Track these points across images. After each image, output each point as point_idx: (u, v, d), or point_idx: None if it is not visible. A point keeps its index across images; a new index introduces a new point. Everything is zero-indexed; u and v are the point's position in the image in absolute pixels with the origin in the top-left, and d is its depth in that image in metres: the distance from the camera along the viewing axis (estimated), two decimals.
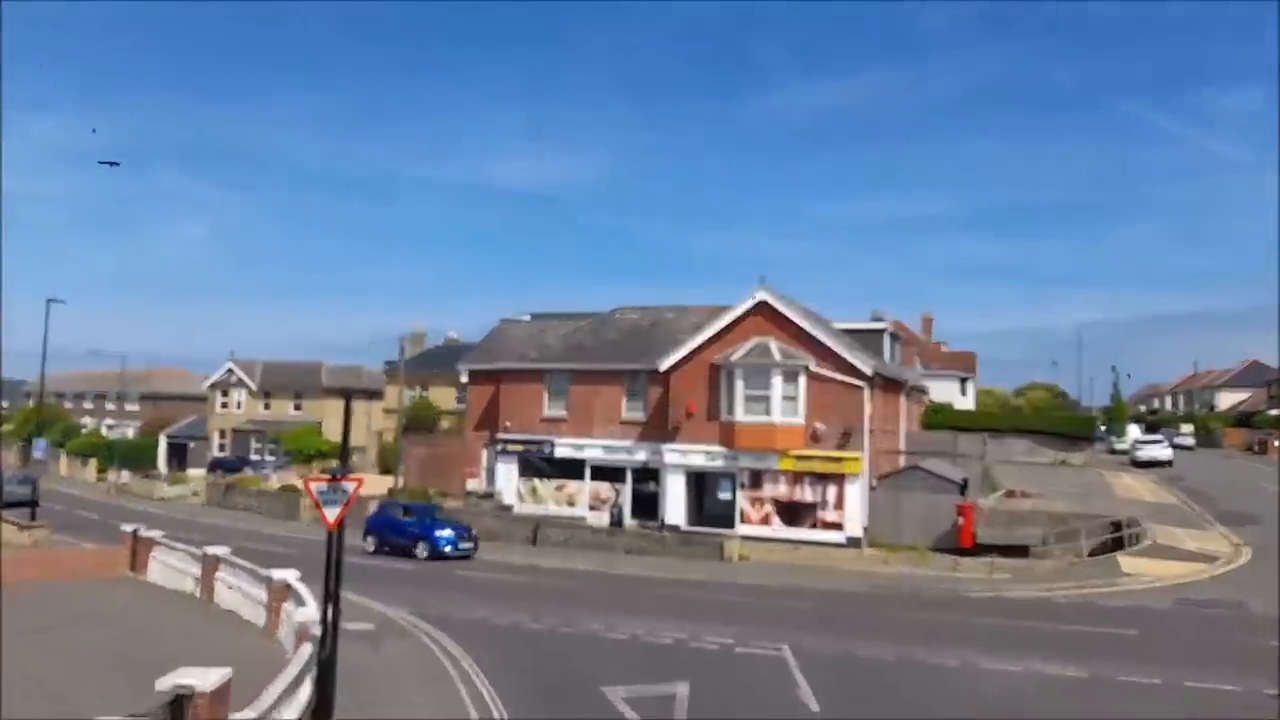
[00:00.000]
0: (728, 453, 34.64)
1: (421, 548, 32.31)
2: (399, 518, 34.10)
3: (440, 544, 32.03)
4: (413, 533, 32.80)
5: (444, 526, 32.86)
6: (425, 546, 32.23)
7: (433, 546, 32.05)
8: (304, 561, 27.85)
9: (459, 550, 32.33)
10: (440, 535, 32.21)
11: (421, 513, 34.32)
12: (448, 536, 32.31)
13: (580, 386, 39.34)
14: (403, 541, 32.94)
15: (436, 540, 32.08)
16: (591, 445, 38.75)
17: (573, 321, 43.51)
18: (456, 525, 33.51)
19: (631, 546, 33.83)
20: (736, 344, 34.98)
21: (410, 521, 33.46)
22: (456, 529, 33.02)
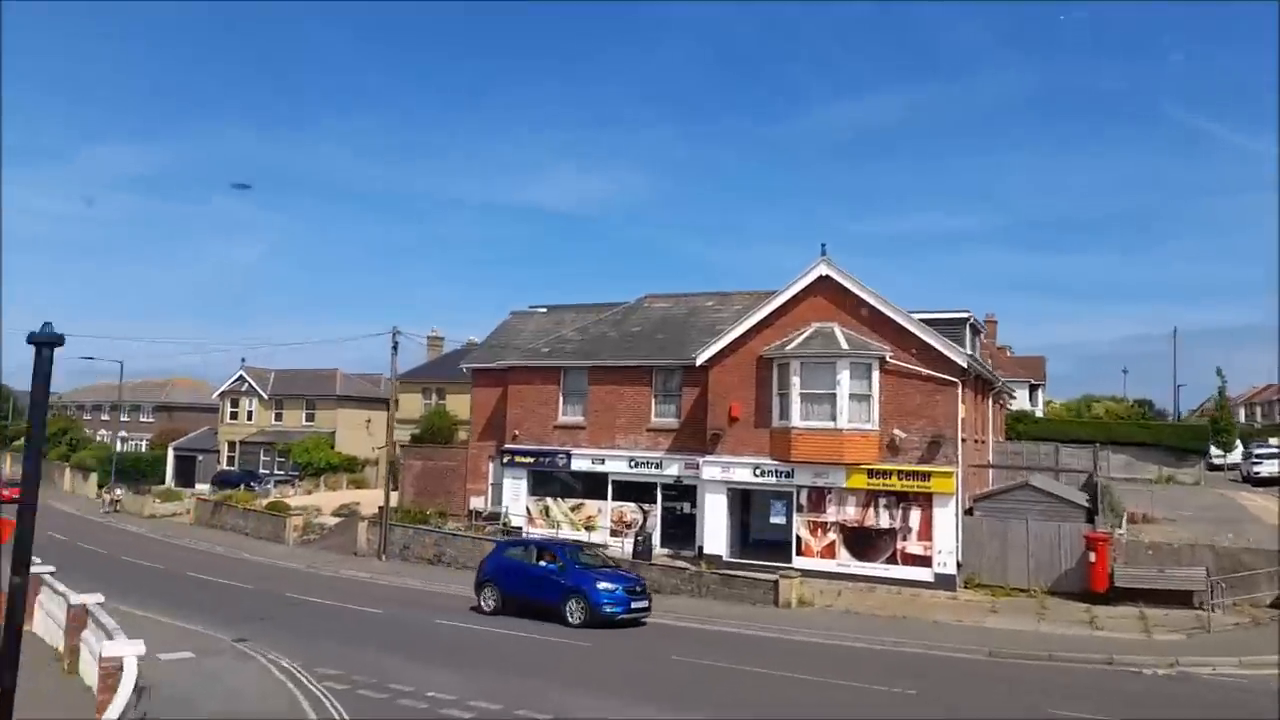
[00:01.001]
0: (781, 466, 26.92)
1: (574, 607, 21.72)
2: (530, 561, 23.65)
3: (601, 602, 21.44)
4: (557, 583, 22.39)
5: (602, 575, 22.59)
6: (580, 605, 21.66)
7: (591, 606, 21.49)
8: (255, 601, 20.50)
9: (630, 612, 21.77)
10: (601, 589, 21.71)
11: (561, 553, 23.46)
12: (613, 592, 21.73)
13: (601, 387, 31.89)
14: (543, 598, 22.49)
15: (596, 597, 21.55)
16: (614, 457, 31.25)
17: (593, 312, 36.14)
18: (619, 573, 23.41)
19: (660, 584, 26.18)
20: (792, 331, 27.33)
21: (551, 569, 22.86)
22: (621, 579, 22.71)
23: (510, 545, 25.74)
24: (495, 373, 34.62)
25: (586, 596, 21.65)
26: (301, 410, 64.31)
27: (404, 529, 33.64)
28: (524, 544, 25.79)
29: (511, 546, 25.41)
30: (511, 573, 23.52)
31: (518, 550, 24.77)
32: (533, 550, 24.30)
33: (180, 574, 30.90)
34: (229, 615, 23.34)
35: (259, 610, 24.07)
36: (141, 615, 23.36)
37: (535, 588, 22.80)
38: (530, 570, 23.29)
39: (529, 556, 23.93)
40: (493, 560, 24.62)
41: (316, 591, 27.09)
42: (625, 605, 21.75)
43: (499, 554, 24.81)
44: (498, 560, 24.44)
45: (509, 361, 33.56)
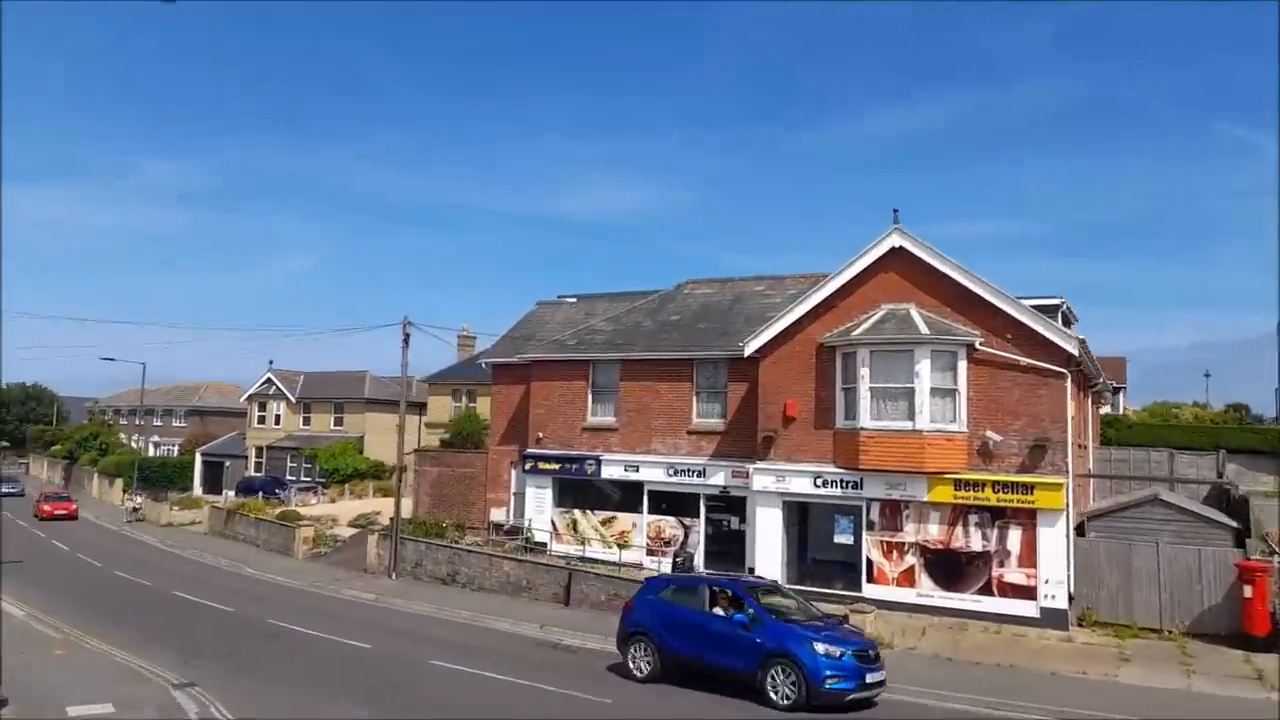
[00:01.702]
0: (847, 475, 22.25)
1: (780, 679, 14.76)
2: (701, 608, 16.44)
3: (822, 673, 14.48)
4: (748, 642, 15.26)
5: (815, 632, 15.20)
6: (789, 677, 14.67)
7: (808, 678, 14.48)
8: (230, 630, 16.28)
9: (864, 688, 14.78)
10: (821, 655, 14.63)
11: (747, 596, 16.12)
12: (838, 659, 14.67)
13: (635, 383, 27.47)
14: (726, 663, 15.64)
15: (815, 666, 14.52)
16: (650, 463, 26.81)
17: (627, 300, 31.78)
18: (839, 629, 15.95)
19: None
20: (858, 314, 22.68)
21: (737, 621, 15.64)
22: (845, 639, 15.33)
23: (667, 583, 18.07)
24: (517, 368, 30.39)
25: (798, 664, 14.54)
26: (330, 414, 60.90)
27: (416, 544, 29.53)
28: (689, 583, 17.72)
29: (669, 585, 17.85)
30: (676, 623, 16.47)
31: (680, 591, 17.30)
32: (703, 592, 16.76)
33: (166, 593, 27.15)
34: (192, 648, 19.43)
35: (229, 642, 20.07)
36: (93, 646, 19.58)
37: (714, 647, 15.72)
38: (704, 622, 16.13)
39: (698, 600, 16.63)
40: (645, 604, 17.34)
41: (306, 618, 23.04)
42: (857, 678, 14.61)
43: (651, 595, 17.54)
44: (653, 605, 17.13)
45: (532, 355, 29.28)
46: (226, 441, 65.61)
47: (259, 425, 63.16)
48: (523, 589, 25.82)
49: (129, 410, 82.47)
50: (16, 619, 22.69)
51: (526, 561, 26.11)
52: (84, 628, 21.53)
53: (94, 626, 21.67)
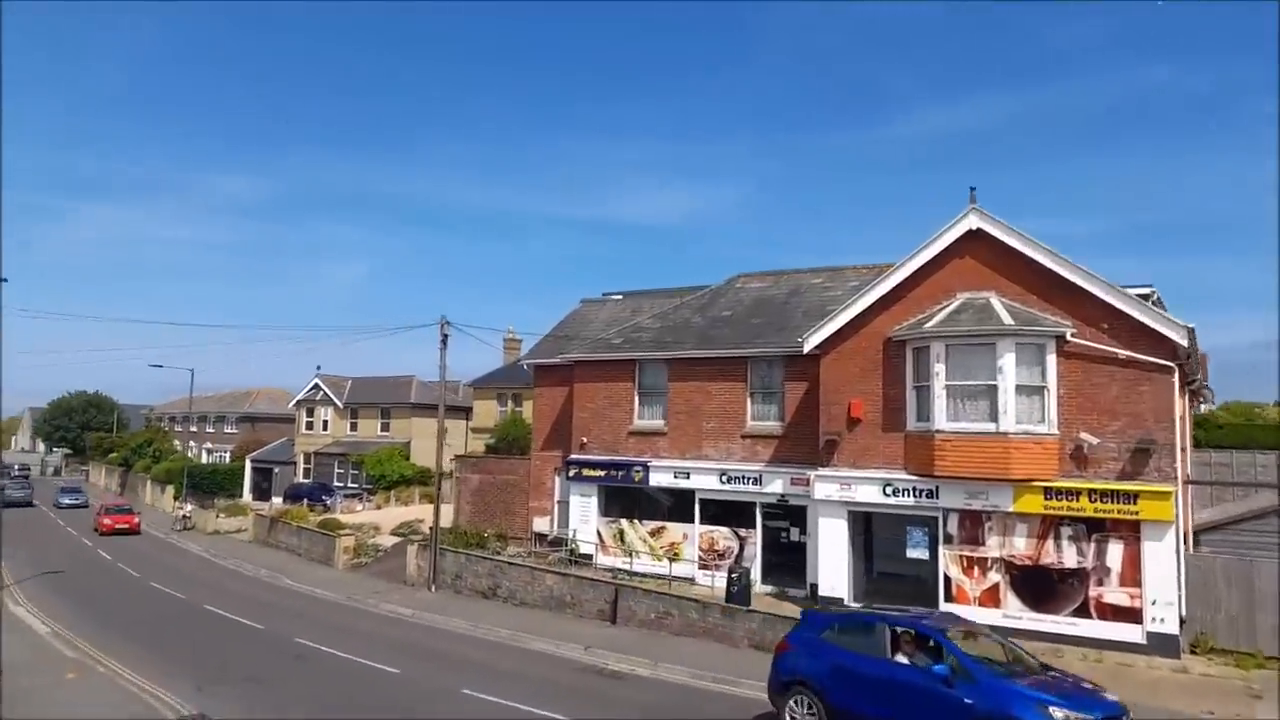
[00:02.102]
0: (920, 482, 19.99)
1: None
2: (882, 654, 12.93)
3: None
4: (955, 704, 11.61)
5: (1045, 692, 11.40)
6: None
7: None
8: (255, 650, 14.59)
9: None
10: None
11: (943, 639, 12.59)
12: None
13: (684, 383, 25.51)
14: None
15: None
16: (702, 470, 24.82)
17: (675, 296, 29.82)
18: (1076, 690, 11.81)
19: (761, 639, 19.56)
20: (930, 305, 20.42)
21: (934, 674, 12.02)
22: (1089, 702, 11.42)
23: (832, 621, 14.27)
24: (560, 369, 28.64)
25: None
26: (376, 419, 60.02)
27: (456, 555, 27.92)
28: (863, 621, 13.89)
29: (835, 623, 14.13)
30: (849, 674, 12.92)
31: (851, 631, 13.69)
32: (882, 633, 13.06)
33: (198, 607, 25.91)
34: (212, 671, 18.00)
35: (252, 665, 18.57)
36: (108, 668, 18.22)
37: (905, 708, 12.11)
38: (889, 673, 12.58)
39: (876, 643, 12.99)
40: (806, 645, 13.80)
41: (337, 637, 21.49)
42: None
43: (812, 633, 13.99)
44: (816, 648, 13.59)
45: (574, 355, 27.48)
46: (276, 448, 65.18)
47: (307, 431, 62.58)
48: (566, 605, 24.00)
49: (183, 417, 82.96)
50: (38, 636, 21.57)
51: (570, 575, 24.28)
52: (105, 647, 20.27)
53: (115, 645, 20.40)
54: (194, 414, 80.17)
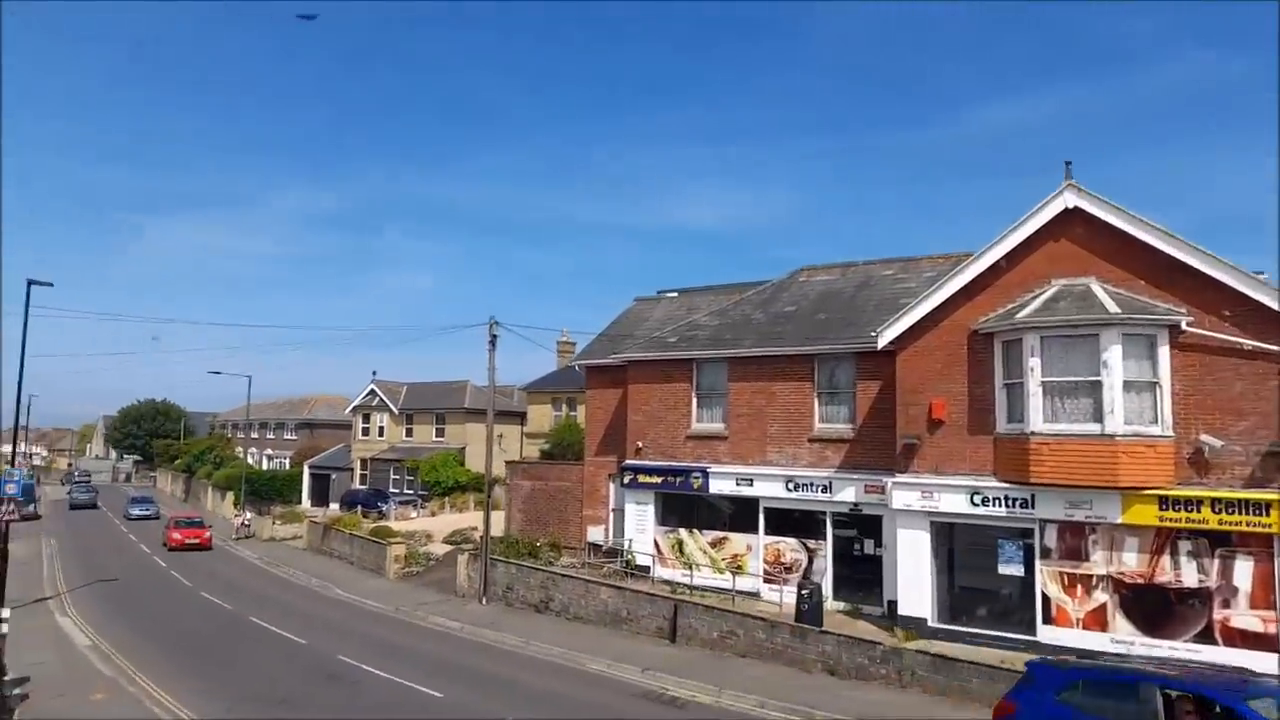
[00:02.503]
0: (1014, 490, 17.91)
1: None
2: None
3: None
4: None
5: None
6: None
7: None
8: (293, 667, 13.38)
9: None
10: None
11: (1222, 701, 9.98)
12: None
13: (745, 384, 23.75)
14: None
15: None
16: (766, 476, 23.01)
17: (734, 292, 28.07)
18: None
19: (836, 663, 17.73)
20: (1020, 294, 18.35)
21: None
22: None
23: (1074, 678, 11.44)
24: (613, 370, 27.10)
25: None
26: (431, 425, 59.25)
27: (507, 566, 26.56)
28: (1119, 680, 11.07)
29: (1079, 681, 11.31)
30: None
31: (1103, 692, 10.97)
32: (1150, 697, 10.40)
33: (243, 619, 24.97)
34: (245, 692, 16.82)
35: (287, 685, 17.35)
36: (138, 687, 17.19)
37: None
38: None
39: (1143, 710, 10.37)
40: (1036, 711, 11.19)
41: (380, 654, 20.24)
42: None
43: (1042, 695, 11.27)
44: (1054, 714, 11.00)
45: (628, 355, 25.91)
46: (333, 454, 64.99)
47: (363, 437, 62.21)
48: (623, 620, 22.40)
49: (245, 424, 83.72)
50: (76, 650, 20.75)
51: (626, 589, 22.68)
52: (141, 661, 19.33)
53: (152, 660, 19.46)
54: (254, 421, 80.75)
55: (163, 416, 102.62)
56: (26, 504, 58.41)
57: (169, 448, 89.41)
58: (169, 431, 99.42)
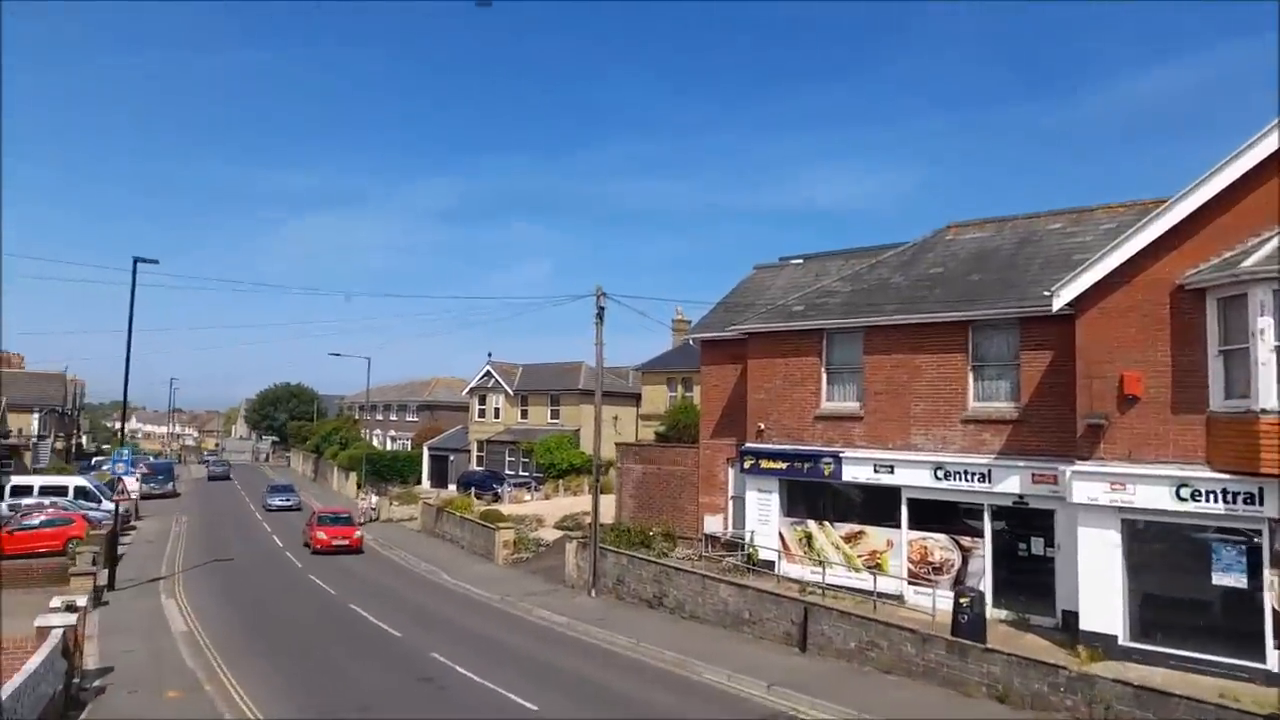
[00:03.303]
0: (1234, 482, 14.26)
1: None
2: None
3: None
4: None
5: None
6: None
7: None
8: (383, 666, 13.50)
9: None
10: None
11: None
12: None
13: (884, 357, 20.63)
14: None
15: None
16: (909, 462, 19.88)
17: (868, 256, 24.82)
18: None
19: (1006, 688, 14.60)
20: (1234, 242, 14.62)
21: None
22: None
23: None
24: (731, 345, 24.40)
25: None
26: (546, 406, 58.07)
27: (617, 556, 24.42)
28: None
29: None
30: None
31: None
32: None
33: (343, 606, 23.77)
34: (327, 695, 15.19)
35: (372, 688, 15.65)
36: (217, 685, 15.82)
37: None
38: None
39: None
40: None
41: (477, 652, 18.40)
42: None
43: None
44: None
45: (748, 326, 23.14)
46: (452, 435, 64.88)
47: (479, 419, 61.74)
48: (744, 623, 19.82)
49: (371, 406, 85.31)
50: (170, 637, 19.78)
51: (749, 588, 20.04)
52: (227, 654, 18.11)
53: (238, 653, 18.21)
54: (377, 403, 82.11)
55: (296, 399, 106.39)
56: (166, 483, 60.95)
57: (301, 429, 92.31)
58: (302, 413, 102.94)
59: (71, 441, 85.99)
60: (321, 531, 34.62)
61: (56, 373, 72.24)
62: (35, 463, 65.05)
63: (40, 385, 71.97)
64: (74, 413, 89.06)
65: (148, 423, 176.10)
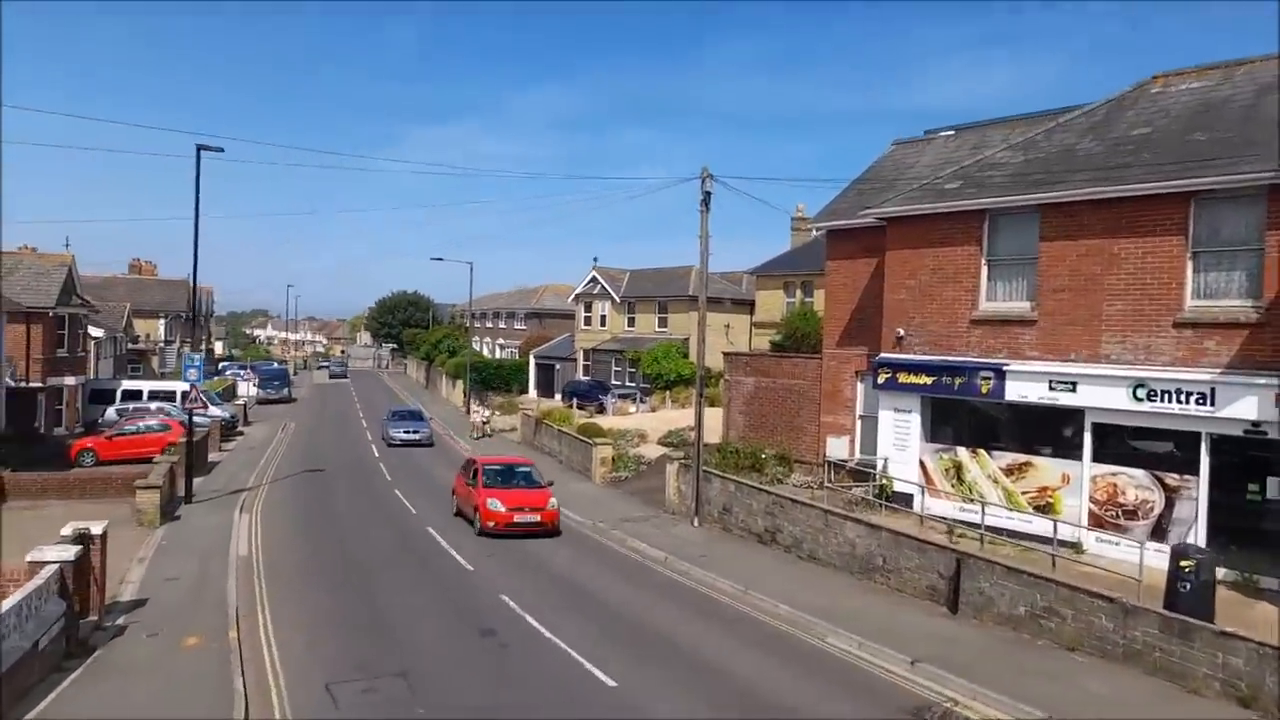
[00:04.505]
0: None
1: None
2: None
3: None
4: None
5: None
6: None
7: None
8: (442, 613, 12.82)
9: None
10: None
11: None
12: None
13: (1068, 244, 16.01)
14: None
15: None
16: (1099, 378, 15.45)
17: (1043, 121, 19.72)
18: None
19: (1254, 688, 10.55)
20: None
21: None
22: None
23: None
24: (864, 234, 20.11)
25: None
26: (654, 314, 54.71)
27: (724, 481, 21.08)
28: None
29: None
30: None
31: None
32: None
33: (419, 530, 21.50)
34: (368, 648, 12.68)
35: (420, 643, 13.03)
36: (245, 631, 13.50)
37: None
38: None
39: None
40: None
41: (555, 597, 15.62)
42: None
43: None
44: None
45: (888, 209, 18.75)
46: (558, 344, 62.68)
47: (585, 327, 59.08)
48: (876, 570, 16.22)
49: (480, 314, 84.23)
50: (225, 561, 17.76)
51: (882, 529, 16.33)
52: (277, 589, 15.93)
53: (289, 588, 16.01)
54: (486, 310, 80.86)
55: (413, 307, 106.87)
56: (281, 388, 61.48)
57: (416, 336, 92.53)
58: (419, 321, 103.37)
59: (201, 347, 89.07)
60: (496, 499, 20.76)
61: (182, 279, 73.65)
62: (162, 367, 66.97)
63: (167, 291, 73.85)
64: (202, 319, 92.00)
65: (282, 330, 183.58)
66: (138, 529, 20.58)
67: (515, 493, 21.48)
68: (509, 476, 22.48)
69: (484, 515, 20.59)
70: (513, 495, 21.22)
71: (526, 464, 24.09)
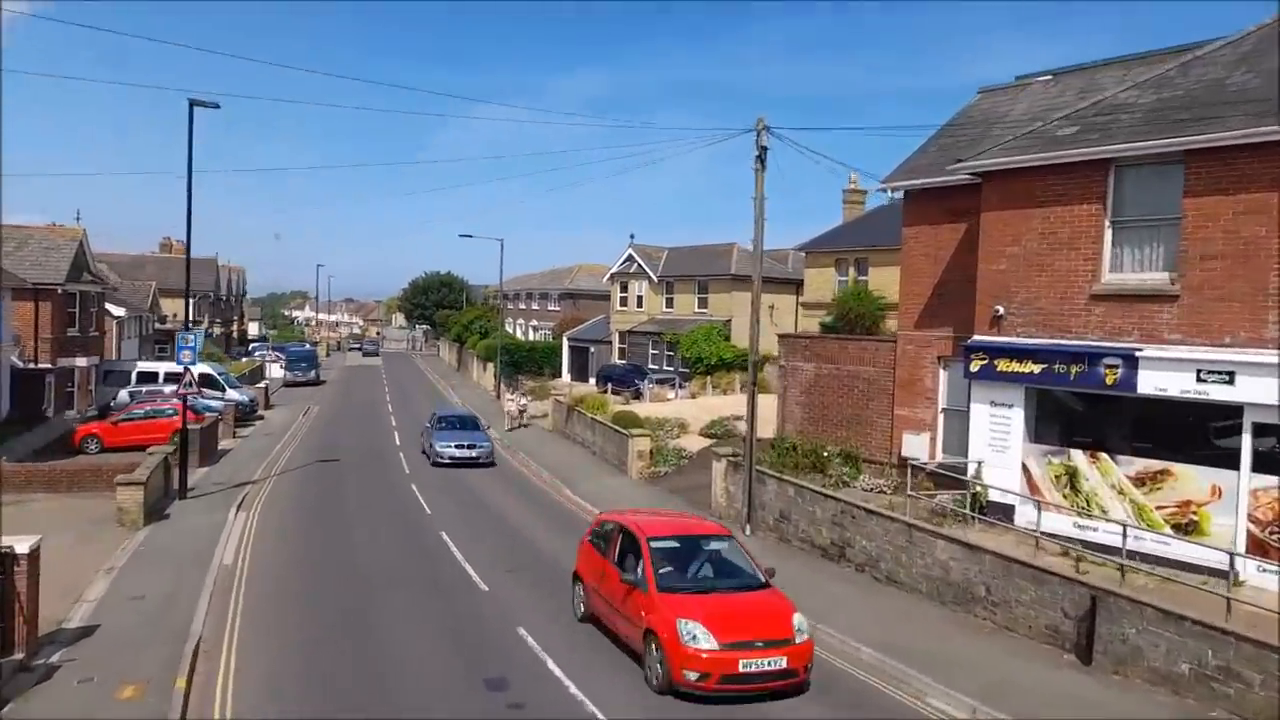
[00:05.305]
0: None
1: None
2: None
3: None
4: None
5: None
6: None
7: None
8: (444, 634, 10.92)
9: None
10: None
11: None
12: None
13: (1221, 199, 12.77)
14: None
15: None
16: (1260, 366, 12.27)
17: (1172, 56, 16.37)
18: None
19: None
20: None
21: None
22: None
23: None
24: (949, 194, 16.96)
25: None
26: (693, 294, 51.66)
27: (780, 483, 18.15)
28: None
29: None
30: None
31: None
32: None
33: (433, 534, 18.93)
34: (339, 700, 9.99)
35: (409, 701, 10.26)
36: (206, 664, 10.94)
37: None
38: None
39: None
40: None
41: (584, 631, 12.86)
42: None
43: None
44: None
45: (986, 162, 15.57)
46: (592, 325, 59.95)
47: (621, 308, 56.21)
48: (976, 602, 13.23)
49: (513, 294, 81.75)
50: (206, 574, 15.27)
51: (984, 551, 13.32)
52: (255, 616, 13.35)
53: (270, 612, 13.48)
54: (519, 290, 78.36)
55: (446, 288, 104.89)
56: (309, 370, 59.52)
57: (448, 317, 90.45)
58: (451, 302, 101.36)
59: (232, 328, 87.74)
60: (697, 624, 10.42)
61: (209, 258, 72.10)
62: None
63: (196, 270, 72.22)
64: (233, 299, 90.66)
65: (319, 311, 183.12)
66: (118, 530, 18.25)
67: (726, 603, 11.12)
68: (700, 567, 12.15)
69: (675, 656, 10.25)
70: (725, 611, 10.88)
71: (719, 533, 13.14)
